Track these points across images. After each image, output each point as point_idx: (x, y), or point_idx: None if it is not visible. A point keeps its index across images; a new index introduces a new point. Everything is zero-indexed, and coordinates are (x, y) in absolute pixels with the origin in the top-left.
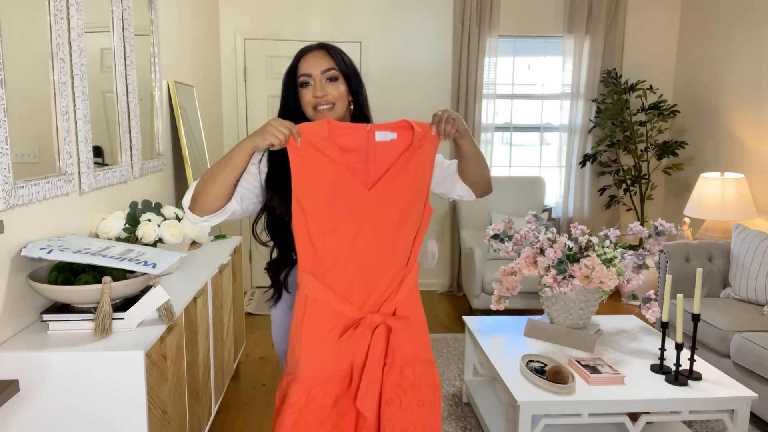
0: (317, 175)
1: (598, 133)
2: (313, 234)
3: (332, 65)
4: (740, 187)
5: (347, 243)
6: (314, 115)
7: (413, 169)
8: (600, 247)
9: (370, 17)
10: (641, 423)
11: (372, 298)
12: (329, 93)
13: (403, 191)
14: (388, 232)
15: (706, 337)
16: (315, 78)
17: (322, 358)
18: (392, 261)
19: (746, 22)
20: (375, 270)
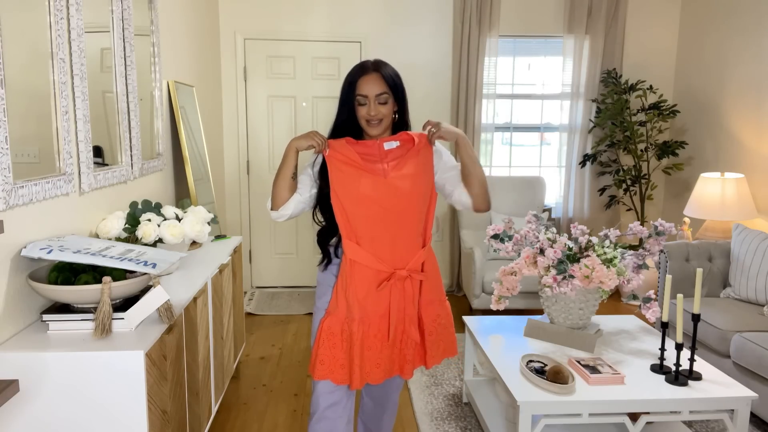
0: (345, 171)
1: (598, 133)
2: (348, 211)
3: (385, 90)
4: (740, 187)
5: (372, 216)
6: (366, 126)
7: (415, 165)
8: (600, 247)
9: (370, 17)
10: (641, 423)
11: (397, 257)
12: (380, 112)
13: (410, 179)
14: (404, 208)
15: (706, 337)
16: (370, 99)
17: (369, 303)
18: (409, 229)
19: (746, 22)
20: (397, 236)
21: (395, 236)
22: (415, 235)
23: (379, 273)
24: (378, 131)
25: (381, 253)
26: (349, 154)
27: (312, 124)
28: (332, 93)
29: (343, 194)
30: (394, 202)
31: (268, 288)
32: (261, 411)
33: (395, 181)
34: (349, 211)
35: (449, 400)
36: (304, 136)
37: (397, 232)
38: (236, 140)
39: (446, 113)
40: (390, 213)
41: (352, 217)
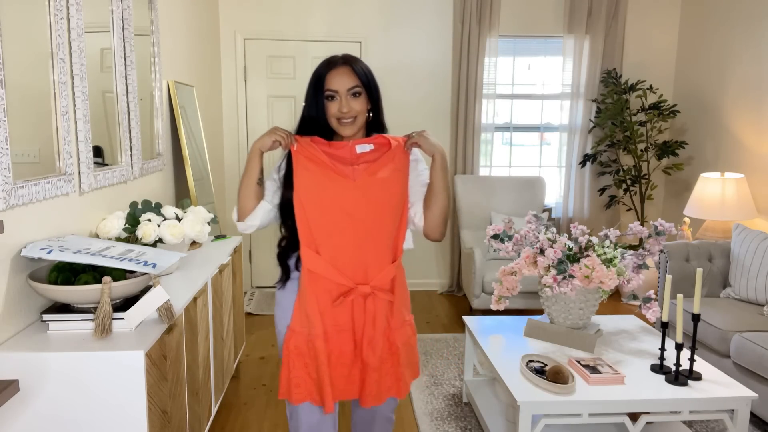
0: (311, 171)
1: (598, 133)
2: (309, 215)
3: (357, 83)
4: (740, 187)
5: (336, 224)
6: (337, 125)
7: (390, 170)
8: (600, 247)
9: (370, 17)
10: (641, 423)
11: (360, 271)
12: (353, 108)
13: (382, 185)
14: (373, 216)
15: (706, 337)
16: (341, 94)
17: (330, 318)
18: (378, 241)
19: (746, 22)
20: (363, 247)
21: (361, 247)
22: (383, 248)
23: (339, 286)
24: (351, 131)
25: (342, 264)
26: (316, 153)
27: None
28: None
29: (306, 197)
30: (363, 210)
31: (268, 288)
32: (261, 411)
33: (365, 186)
34: (310, 216)
35: (449, 400)
36: (267, 134)
37: (363, 244)
38: (236, 140)
39: (446, 113)
40: (356, 221)
41: (314, 223)
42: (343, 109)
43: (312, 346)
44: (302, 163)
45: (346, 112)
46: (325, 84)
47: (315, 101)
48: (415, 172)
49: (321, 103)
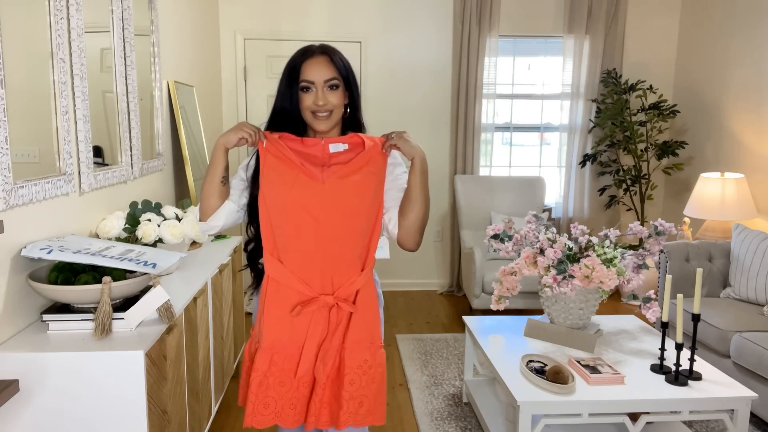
0: (277, 172)
1: (598, 133)
2: (273, 219)
3: (335, 75)
4: (740, 187)
5: (302, 229)
6: (312, 119)
7: (364, 173)
8: (600, 247)
9: (370, 17)
10: (641, 423)
11: (326, 281)
12: (329, 101)
13: (354, 189)
14: (342, 223)
15: (706, 337)
16: (317, 86)
17: (281, 330)
18: (346, 249)
19: (746, 22)
20: (330, 255)
21: (327, 255)
22: (352, 256)
23: (302, 296)
24: (326, 126)
25: (307, 273)
26: (285, 152)
27: None
28: None
29: (272, 199)
30: (331, 214)
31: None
32: None
33: (335, 190)
34: (275, 221)
35: (449, 400)
36: (232, 130)
37: (330, 250)
38: None
39: (446, 113)
40: (323, 226)
41: (278, 229)
42: (319, 101)
43: (259, 357)
44: (269, 163)
45: (322, 105)
46: (301, 74)
47: (289, 92)
48: (391, 175)
49: (295, 94)
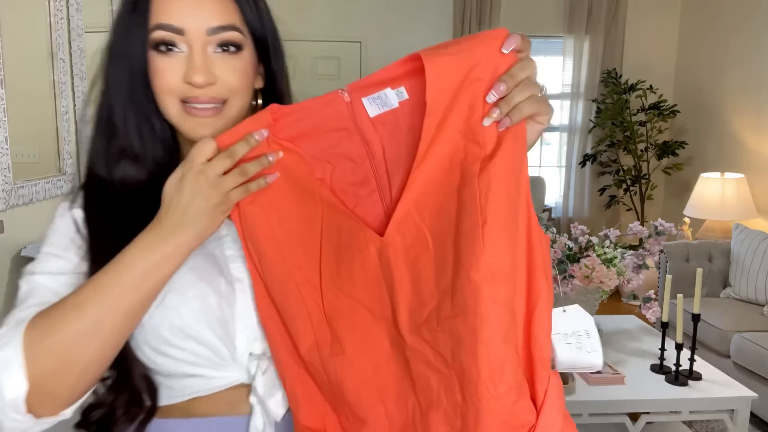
0: (274, 232)
1: (598, 133)
2: (302, 348)
3: (233, 20)
4: (740, 187)
5: (367, 359)
6: (181, 116)
7: (468, 164)
8: (600, 247)
9: (370, 17)
10: (641, 423)
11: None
12: (220, 78)
13: (460, 213)
14: (445, 304)
15: (706, 337)
16: (193, 40)
17: None
18: (470, 364)
19: (746, 22)
20: (426, 391)
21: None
22: (493, 384)
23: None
24: (212, 128)
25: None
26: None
27: None
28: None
29: (284, 298)
30: (418, 307)
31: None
32: None
33: (417, 231)
34: (303, 346)
35: None
36: (208, 188)
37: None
38: None
39: None
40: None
41: (314, 363)
42: (197, 77)
43: None
44: (251, 215)
45: (203, 84)
46: (153, 12)
47: (126, 53)
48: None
49: (140, 56)
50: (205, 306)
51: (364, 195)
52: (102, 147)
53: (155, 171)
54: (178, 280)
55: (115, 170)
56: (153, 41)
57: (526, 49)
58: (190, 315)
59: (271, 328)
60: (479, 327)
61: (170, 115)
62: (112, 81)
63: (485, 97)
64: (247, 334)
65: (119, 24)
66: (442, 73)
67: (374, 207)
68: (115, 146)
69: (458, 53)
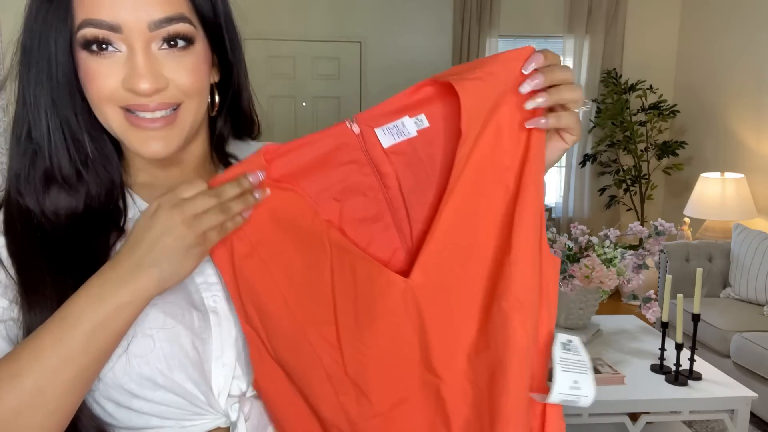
0: (278, 286)
1: (598, 133)
2: (324, 411)
3: (179, 8)
4: (740, 187)
5: (396, 406)
6: (122, 129)
7: (499, 201)
8: (600, 247)
9: (370, 17)
10: (641, 423)
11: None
12: (172, 80)
13: (487, 243)
14: (478, 365)
15: (706, 337)
16: (133, 38)
17: None
18: (497, 412)
19: (746, 22)
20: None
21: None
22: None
23: None
24: (165, 144)
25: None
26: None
27: (312, 124)
28: (333, 93)
29: (292, 357)
30: (448, 356)
31: None
32: None
33: (449, 275)
34: (322, 405)
35: None
36: (182, 229)
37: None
38: None
39: None
40: (440, 389)
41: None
42: (141, 83)
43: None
44: (249, 269)
45: (150, 91)
46: (76, 11)
47: (45, 56)
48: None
49: (63, 59)
50: (177, 348)
51: (379, 231)
52: (24, 170)
53: (94, 200)
54: (143, 321)
55: (45, 199)
56: (81, 40)
57: (552, 61)
58: (160, 362)
59: (273, 390)
60: (508, 358)
61: (112, 128)
62: (28, 89)
63: (510, 121)
64: (224, 374)
65: (34, 17)
66: (475, 100)
67: (390, 242)
68: (41, 169)
69: (486, 77)
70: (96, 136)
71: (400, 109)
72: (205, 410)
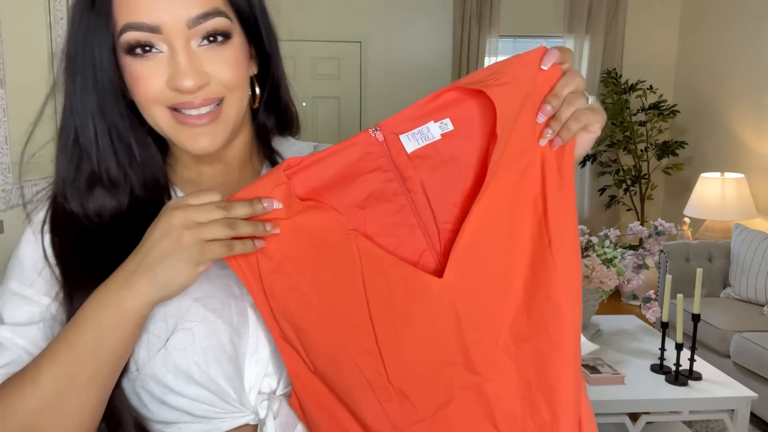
0: (309, 300)
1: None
2: (370, 420)
3: (215, 3)
4: (740, 187)
5: (440, 409)
6: (171, 128)
7: (529, 191)
8: (600, 247)
9: (370, 17)
10: (641, 423)
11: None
12: (213, 76)
13: (523, 237)
14: (512, 359)
15: (706, 337)
16: (173, 37)
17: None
18: (558, 399)
19: (746, 22)
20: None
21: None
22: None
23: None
24: (212, 140)
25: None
26: (308, 224)
27: (312, 125)
28: (333, 93)
29: (327, 364)
30: (484, 351)
31: None
32: None
33: (478, 274)
34: (364, 412)
35: None
36: (175, 242)
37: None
38: None
39: None
40: (475, 378)
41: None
42: (185, 81)
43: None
44: (278, 283)
45: (193, 88)
46: (116, 6)
47: (90, 62)
48: None
49: (107, 65)
50: (215, 343)
51: (405, 234)
52: (70, 174)
53: (138, 200)
54: (185, 314)
55: (89, 201)
56: (125, 45)
57: (568, 59)
58: (198, 355)
59: (313, 404)
60: (564, 340)
61: (161, 128)
62: (74, 97)
63: (535, 119)
64: (256, 371)
65: (77, 27)
66: (506, 103)
67: (417, 243)
68: (86, 172)
69: (513, 82)
70: (140, 138)
71: (424, 115)
72: (235, 407)
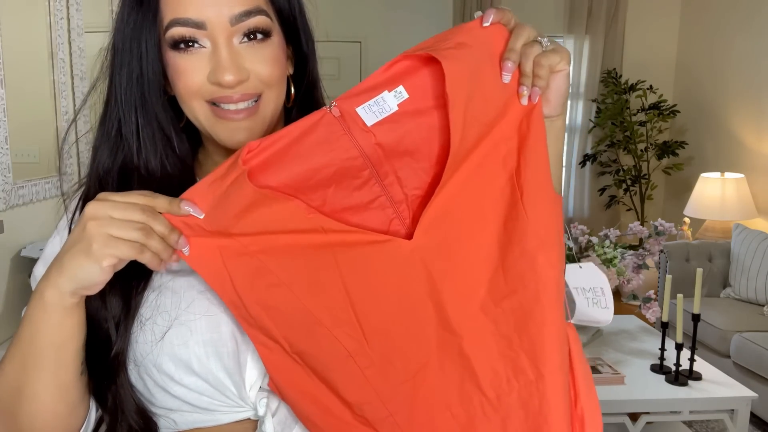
0: (280, 279)
1: (598, 133)
2: (350, 396)
3: (257, 1)
4: (740, 187)
5: (421, 371)
6: (210, 122)
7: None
8: (600, 247)
9: (370, 17)
10: (641, 423)
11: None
12: (252, 72)
13: (496, 195)
14: (485, 322)
15: (706, 337)
16: (216, 33)
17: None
18: (540, 355)
19: (746, 22)
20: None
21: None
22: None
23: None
24: (249, 131)
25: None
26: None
27: None
28: (333, 93)
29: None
30: (458, 312)
31: None
32: None
33: (446, 237)
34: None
35: None
36: (85, 245)
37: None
38: None
39: None
40: (448, 356)
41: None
42: (226, 76)
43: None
44: (247, 267)
45: (234, 82)
46: (164, 3)
47: (136, 56)
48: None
49: (153, 59)
50: (216, 336)
51: (372, 206)
52: (110, 164)
53: (168, 191)
54: (188, 307)
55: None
56: (170, 40)
57: (510, 19)
58: (198, 347)
59: (295, 390)
60: (542, 293)
61: (200, 121)
62: (119, 89)
63: (501, 79)
64: (258, 368)
65: (124, 22)
66: (454, 65)
67: (385, 213)
68: (127, 164)
69: (458, 47)
70: (178, 131)
71: (377, 86)
72: (235, 402)
